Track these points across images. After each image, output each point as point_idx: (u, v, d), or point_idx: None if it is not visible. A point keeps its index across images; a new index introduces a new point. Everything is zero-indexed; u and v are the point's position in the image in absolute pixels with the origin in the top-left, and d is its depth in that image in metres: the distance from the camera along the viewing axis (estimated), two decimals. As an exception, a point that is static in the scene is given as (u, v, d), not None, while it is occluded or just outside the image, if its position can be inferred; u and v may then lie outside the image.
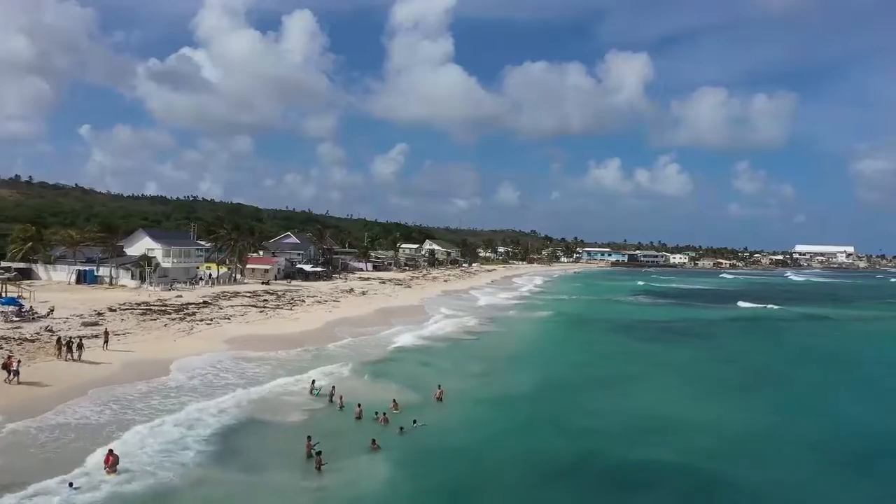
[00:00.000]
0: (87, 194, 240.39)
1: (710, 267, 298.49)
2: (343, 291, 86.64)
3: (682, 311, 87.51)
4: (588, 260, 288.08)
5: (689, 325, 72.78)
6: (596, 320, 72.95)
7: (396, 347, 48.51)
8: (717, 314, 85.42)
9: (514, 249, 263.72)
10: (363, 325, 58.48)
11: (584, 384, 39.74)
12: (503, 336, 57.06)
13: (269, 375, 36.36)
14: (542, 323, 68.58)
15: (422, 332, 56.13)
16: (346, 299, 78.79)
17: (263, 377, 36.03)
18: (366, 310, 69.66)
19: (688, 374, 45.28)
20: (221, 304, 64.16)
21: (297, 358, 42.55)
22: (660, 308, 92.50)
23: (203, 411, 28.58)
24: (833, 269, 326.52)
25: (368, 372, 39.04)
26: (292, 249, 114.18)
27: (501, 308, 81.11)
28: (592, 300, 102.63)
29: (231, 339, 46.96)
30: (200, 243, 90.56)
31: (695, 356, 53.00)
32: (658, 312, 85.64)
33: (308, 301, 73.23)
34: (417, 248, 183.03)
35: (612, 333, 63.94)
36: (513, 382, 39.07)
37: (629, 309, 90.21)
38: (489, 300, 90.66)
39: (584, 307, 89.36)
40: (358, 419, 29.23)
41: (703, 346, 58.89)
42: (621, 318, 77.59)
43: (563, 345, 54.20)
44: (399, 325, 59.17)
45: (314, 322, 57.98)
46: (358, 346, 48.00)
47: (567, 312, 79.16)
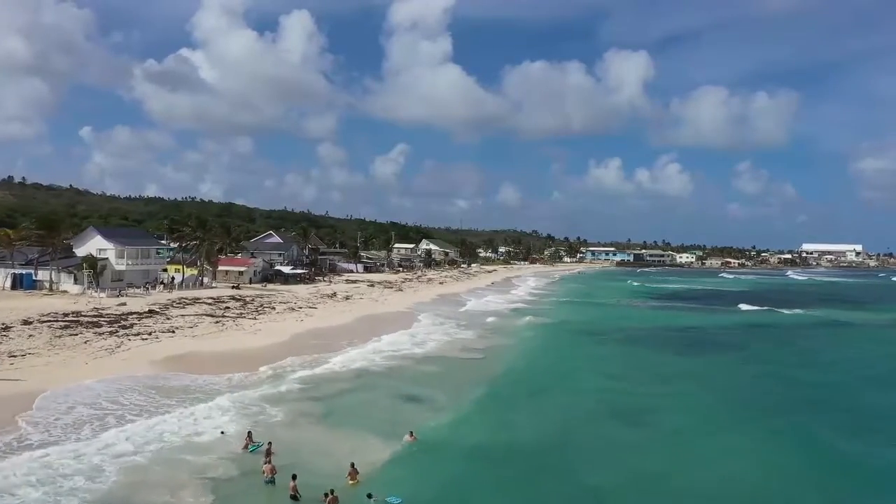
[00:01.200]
0: (80, 195, 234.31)
1: (718, 266, 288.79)
2: (324, 296, 77.15)
3: (698, 317, 77.90)
4: (592, 260, 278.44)
5: (709, 333, 63.44)
6: (605, 329, 63.38)
7: (370, 369, 38.99)
8: (737, 319, 75.95)
9: (515, 249, 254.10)
10: (339, 336, 49.19)
11: (600, 421, 30.46)
12: (501, 354, 47.48)
13: (177, 418, 26.67)
14: (547, 334, 59.03)
15: (403, 348, 46.59)
16: (325, 306, 69.32)
17: (169, 419, 26.43)
18: (344, 318, 60.29)
19: (724, 396, 36.24)
20: (171, 313, 54.71)
21: (239, 384, 33.13)
22: (672, 312, 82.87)
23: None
24: (843, 268, 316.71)
25: (325, 411, 29.56)
26: (273, 250, 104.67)
27: (501, 315, 71.57)
28: (599, 304, 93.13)
29: (165, 359, 37.72)
30: (163, 243, 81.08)
31: (726, 372, 44.16)
32: (672, 318, 76.03)
33: (279, 308, 63.77)
34: (413, 248, 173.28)
35: (625, 345, 54.45)
36: (513, 423, 29.61)
37: (640, 315, 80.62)
38: (487, 306, 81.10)
39: (591, 313, 79.79)
40: (295, 501, 19.68)
41: (734, 358, 49.44)
42: (633, 325, 68.13)
43: (572, 363, 44.68)
44: (380, 338, 49.74)
45: (278, 335, 48.64)
46: (320, 368, 38.43)
47: (573, 321, 69.60)
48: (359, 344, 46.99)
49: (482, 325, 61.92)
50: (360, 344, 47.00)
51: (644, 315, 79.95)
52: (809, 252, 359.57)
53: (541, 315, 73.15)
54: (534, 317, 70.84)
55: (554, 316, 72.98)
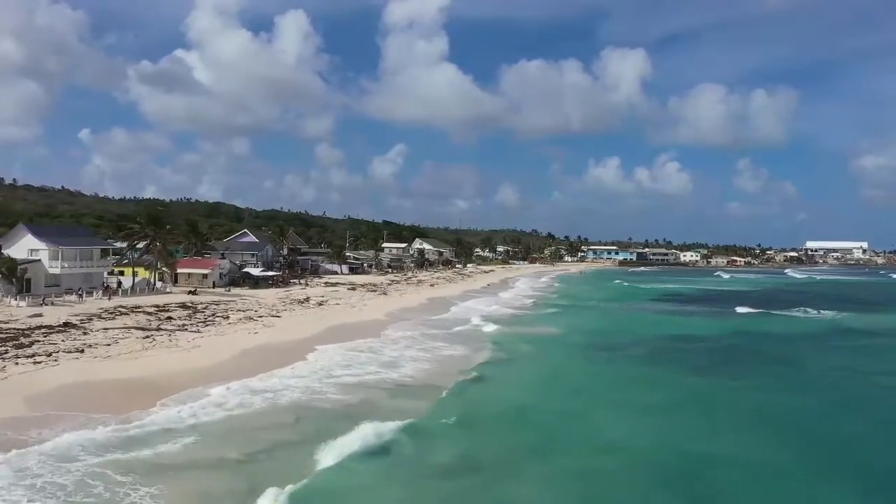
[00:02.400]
0: (73, 196, 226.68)
1: (724, 265, 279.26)
2: (293, 302, 67.64)
3: (722, 323, 68.30)
4: (594, 259, 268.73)
5: (742, 345, 53.78)
6: (617, 342, 53.62)
7: (318, 406, 29.49)
8: (767, 326, 66.35)
9: (514, 249, 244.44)
10: (296, 355, 39.70)
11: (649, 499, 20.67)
12: (495, 381, 37.74)
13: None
14: (548, 350, 49.44)
15: (365, 371, 36.95)
16: (292, 314, 59.82)
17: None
18: (309, 330, 50.79)
19: (820, 451, 26.03)
20: (94, 326, 45.10)
21: (115, 439, 23.50)
22: (692, 318, 73.42)
23: None
24: (850, 265, 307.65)
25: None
26: (245, 250, 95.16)
27: (496, 321, 62.09)
28: (607, 307, 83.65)
29: (49, 392, 28.31)
30: (110, 242, 71.54)
31: (786, 403, 33.98)
32: (693, 324, 66.56)
33: (233, 318, 54.26)
34: (405, 248, 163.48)
35: (647, 364, 44.68)
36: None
37: (656, 319, 70.94)
38: (481, 312, 71.51)
39: (600, 319, 70.34)
40: None
41: (788, 380, 39.77)
42: (651, 333, 58.52)
43: (585, 395, 34.90)
44: (332, 350, 40.33)
45: (219, 353, 39.17)
46: (252, 405, 28.91)
47: (582, 329, 60.01)
48: (312, 361, 37.66)
49: (471, 338, 52.38)
50: (313, 360, 37.69)
51: (657, 322, 70.31)
52: (815, 250, 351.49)
53: (539, 323, 63.67)
54: (532, 326, 61.41)
55: (555, 324, 63.39)
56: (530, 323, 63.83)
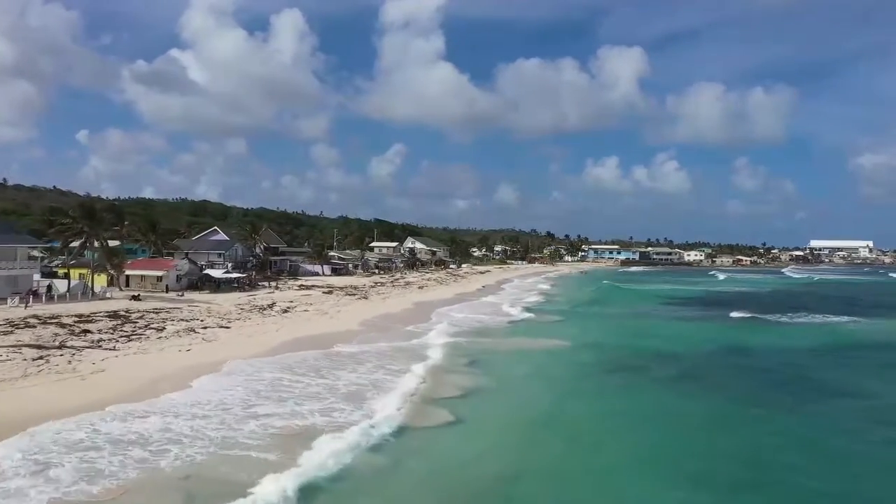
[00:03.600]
0: (63, 196, 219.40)
1: (729, 264, 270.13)
2: (253, 309, 58.37)
3: (753, 333, 59.12)
4: (595, 259, 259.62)
5: (791, 363, 44.50)
6: (641, 360, 44.54)
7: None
8: (810, 336, 57.13)
9: (512, 248, 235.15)
10: (185, 381, 30.52)
11: None
12: (469, 426, 28.30)
13: None
14: (552, 374, 40.16)
15: (273, 413, 27.70)
16: (246, 324, 50.56)
17: None
18: (260, 345, 41.67)
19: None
20: (-25, 343, 35.86)
21: None
22: (713, 325, 64.25)
23: None
24: (857, 264, 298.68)
25: None
26: (211, 249, 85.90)
27: (490, 334, 52.95)
28: (615, 313, 74.39)
29: None
30: (37, 241, 62.20)
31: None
32: (716, 334, 57.39)
33: (170, 329, 45.01)
34: (396, 247, 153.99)
35: (681, 393, 35.55)
36: None
37: (676, 329, 61.71)
38: (473, 319, 62.32)
39: (609, 327, 61.11)
40: None
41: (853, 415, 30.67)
42: (674, 347, 49.28)
43: (606, 450, 25.54)
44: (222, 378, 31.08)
45: (125, 381, 29.97)
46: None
47: (590, 342, 50.64)
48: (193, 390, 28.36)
49: (456, 353, 43.14)
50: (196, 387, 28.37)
51: (674, 331, 61.16)
52: (819, 249, 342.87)
53: (539, 335, 54.42)
54: (530, 338, 52.24)
55: (557, 334, 54.16)
56: (532, 333, 54.60)
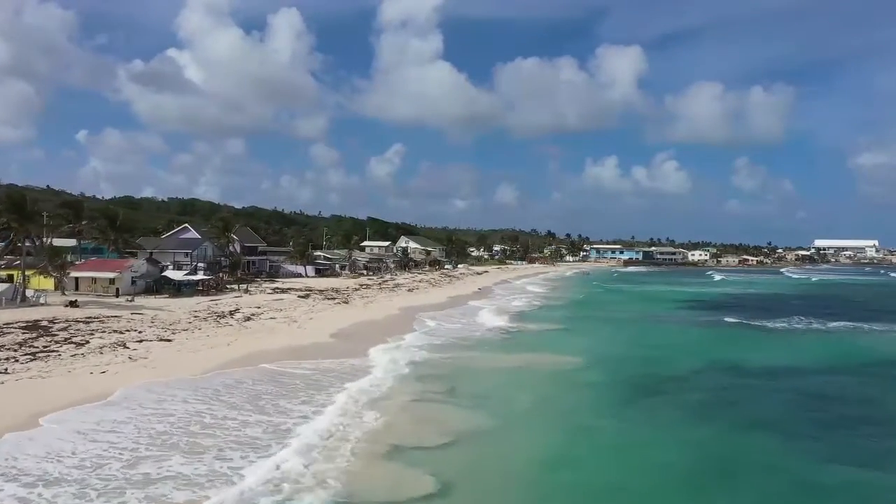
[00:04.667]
0: (56, 195, 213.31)
1: (735, 264, 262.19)
2: (211, 317, 50.27)
3: (803, 346, 51.11)
4: (597, 258, 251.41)
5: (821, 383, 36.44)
6: (657, 380, 36.49)
7: None
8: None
9: (511, 248, 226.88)
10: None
11: None
12: (475, 482, 20.27)
13: None
14: (558, 398, 32.10)
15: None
16: (192, 337, 42.39)
17: None
18: (200, 364, 33.68)
19: None
20: None
21: None
22: (742, 334, 56.26)
23: None
24: (864, 264, 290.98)
25: None
26: (177, 248, 77.85)
27: (482, 347, 44.85)
28: (629, 320, 66.22)
29: None
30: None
31: None
32: (752, 345, 49.40)
33: (94, 344, 36.93)
34: (388, 247, 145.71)
35: (726, 431, 27.48)
36: None
37: (701, 337, 53.64)
38: (464, 327, 54.25)
39: (615, 337, 52.89)
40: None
41: None
42: (691, 362, 41.15)
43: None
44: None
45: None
46: None
47: (605, 357, 42.42)
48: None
49: (436, 374, 35.05)
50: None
51: (693, 342, 53.12)
52: (825, 248, 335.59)
53: (538, 347, 46.35)
54: (528, 352, 44.12)
55: (558, 347, 46.00)
56: (536, 347, 46.49)
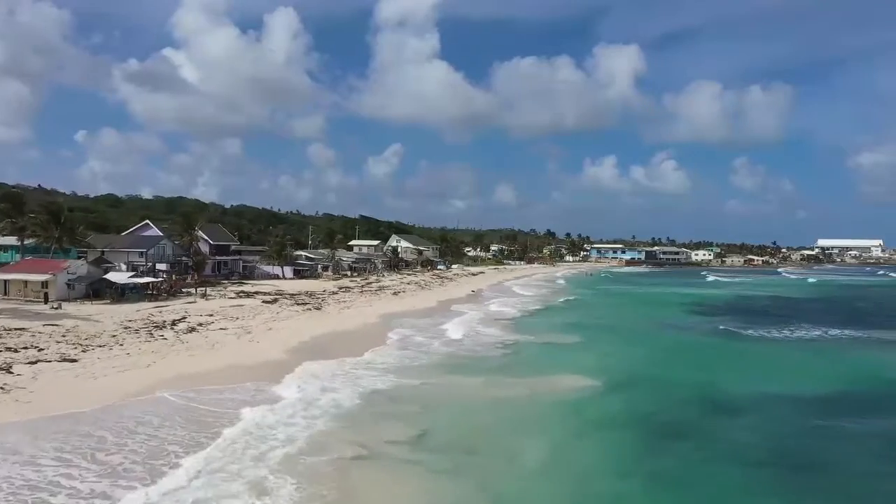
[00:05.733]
0: (47, 195, 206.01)
1: (741, 264, 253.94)
2: (146, 328, 41.92)
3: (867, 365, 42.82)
4: (598, 258, 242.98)
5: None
6: (705, 422, 28.21)
7: None
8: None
9: (509, 248, 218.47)
10: None
11: None
12: None
13: None
14: (585, 452, 23.82)
15: None
16: (107, 355, 34.06)
17: None
18: (103, 392, 25.49)
19: None
20: None
21: None
22: (773, 347, 47.98)
23: None
24: (871, 264, 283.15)
25: None
26: (131, 247, 69.46)
27: (475, 368, 36.56)
28: (639, 329, 57.94)
29: None
30: None
31: None
32: (795, 365, 41.16)
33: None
34: (378, 246, 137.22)
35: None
36: None
37: (729, 352, 45.32)
38: (452, 341, 45.89)
39: (639, 354, 44.41)
40: None
41: None
42: (743, 387, 32.91)
43: None
44: None
45: None
46: None
47: (620, 380, 33.95)
48: None
49: (408, 414, 26.75)
50: None
51: (719, 357, 44.84)
52: (829, 248, 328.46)
53: (540, 367, 38.03)
54: (530, 376, 35.72)
55: (564, 368, 37.72)
56: (522, 369, 38.15)
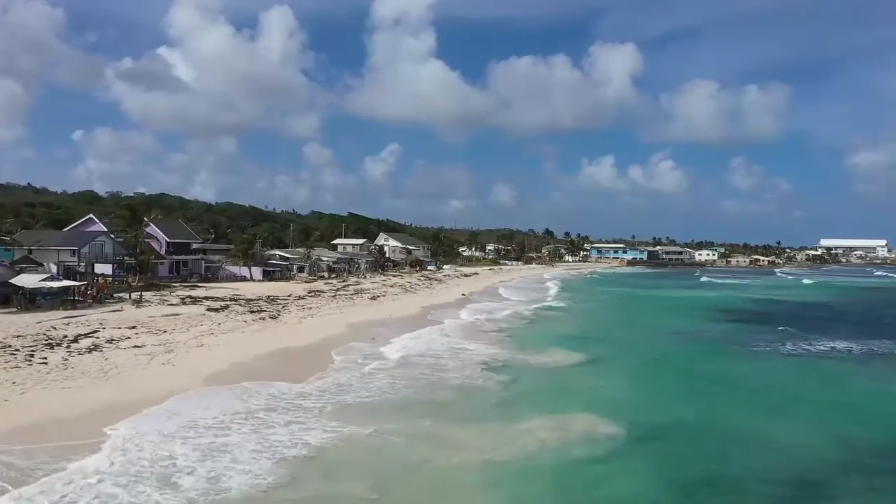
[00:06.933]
0: (37, 194, 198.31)
1: (746, 265, 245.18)
2: (27, 348, 32.54)
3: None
4: (598, 258, 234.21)
5: None
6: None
7: None
8: None
9: (506, 247, 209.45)
10: None
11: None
12: None
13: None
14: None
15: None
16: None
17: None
18: None
19: None
20: None
21: None
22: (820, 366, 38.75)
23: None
24: (877, 264, 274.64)
25: None
26: (61, 244, 60.21)
27: (452, 408, 27.28)
28: (657, 346, 48.63)
29: None
30: None
31: None
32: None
33: None
34: (363, 245, 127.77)
35: None
36: None
37: (778, 376, 36.06)
38: (429, 364, 36.45)
39: (665, 381, 35.02)
40: None
41: None
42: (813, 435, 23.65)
43: None
44: None
45: None
46: None
47: (646, 426, 24.60)
48: None
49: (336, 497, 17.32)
50: None
51: (770, 387, 35.54)
52: (833, 248, 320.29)
53: (539, 404, 28.64)
54: (527, 419, 26.17)
55: (569, 405, 28.45)
56: (516, 410, 28.84)
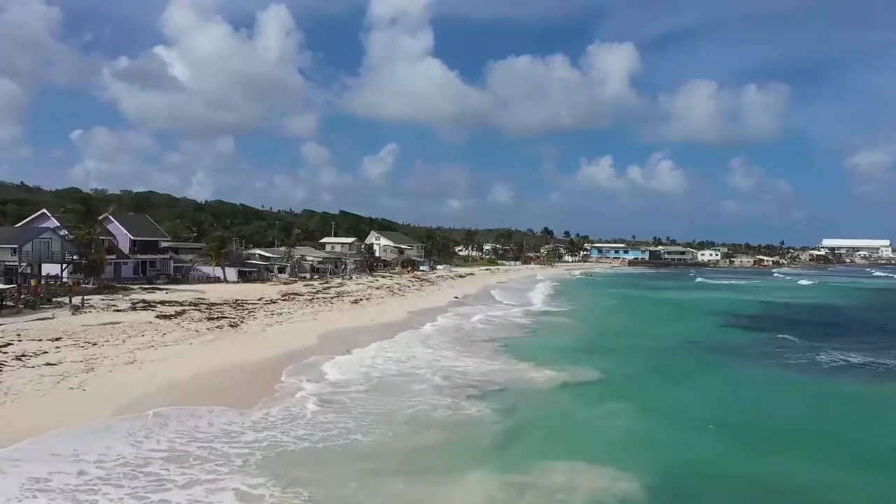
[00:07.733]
0: (29, 192, 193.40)
1: (750, 265, 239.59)
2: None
3: None
4: (599, 258, 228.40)
5: None
6: None
7: None
8: None
9: (504, 247, 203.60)
10: None
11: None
12: None
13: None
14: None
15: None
16: None
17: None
18: None
19: None
20: None
21: None
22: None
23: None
24: (881, 265, 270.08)
25: None
26: (3, 243, 54.13)
27: (431, 458, 21.23)
28: (679, 362, 42.70)
29: None
30: None
31: None
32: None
33: None
34: (352, 244, 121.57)
35: None
36: None
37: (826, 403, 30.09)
38: (405, 391, 30.46)
39: (692, 410, 29.01)
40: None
41: None
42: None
43: None
44: None
45: None
46: None
47: (683, 479, 18.65)
48: None
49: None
50: None
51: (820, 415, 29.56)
52: (837, 248, 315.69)
53: (543, 449, 22.65)
54: (525, 470, 20.11)
55: (581, 450, 22.55)
56: (513, 455, 22.86)
